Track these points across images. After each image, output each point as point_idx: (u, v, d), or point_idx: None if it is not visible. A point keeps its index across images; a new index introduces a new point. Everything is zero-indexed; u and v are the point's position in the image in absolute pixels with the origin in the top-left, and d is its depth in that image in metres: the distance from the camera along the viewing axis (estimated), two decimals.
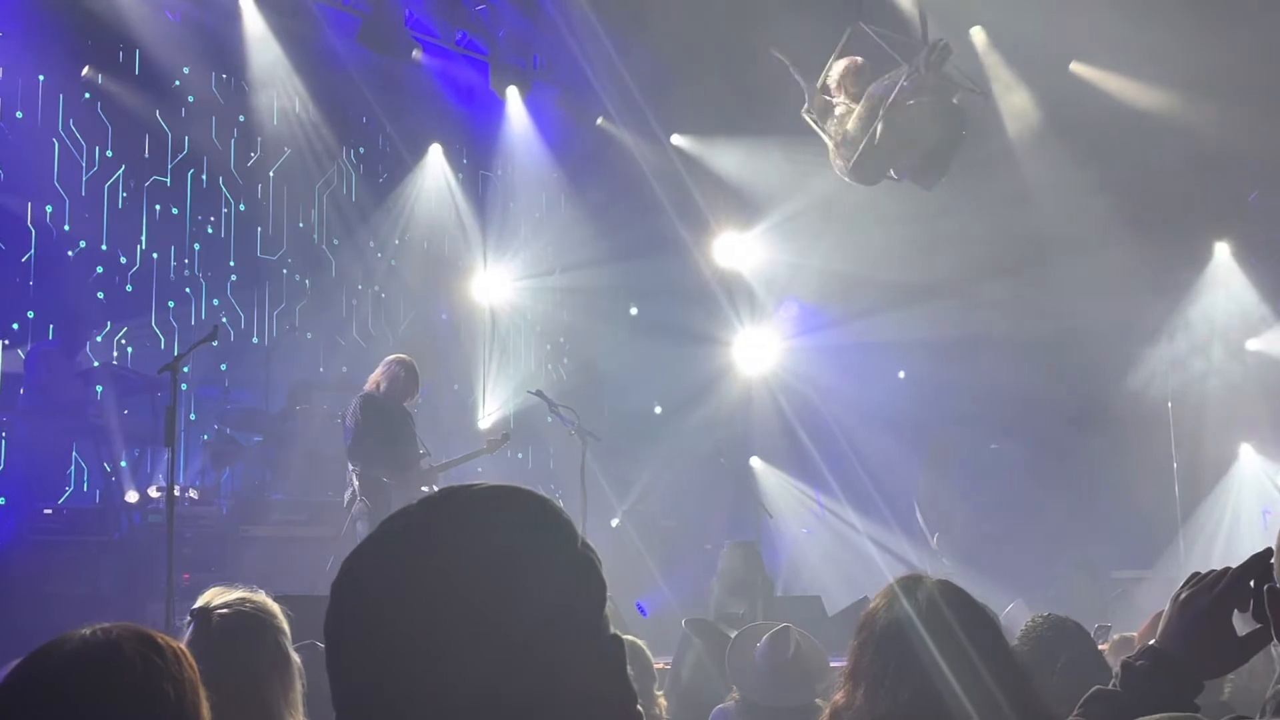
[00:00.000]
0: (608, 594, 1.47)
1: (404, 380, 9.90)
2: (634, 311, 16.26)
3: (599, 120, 15.48)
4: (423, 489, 9.60)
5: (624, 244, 15.17)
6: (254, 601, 3.12)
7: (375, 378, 9.94)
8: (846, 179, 10.28)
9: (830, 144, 10.19)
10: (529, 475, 14.86)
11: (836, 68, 10.11)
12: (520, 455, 15.25)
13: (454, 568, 1.37)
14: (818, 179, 13.15)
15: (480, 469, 10.90)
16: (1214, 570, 2.04)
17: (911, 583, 2.88)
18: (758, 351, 16.52)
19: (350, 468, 9.61)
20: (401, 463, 9.68)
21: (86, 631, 2.14)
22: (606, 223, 15.34)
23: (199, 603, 3.10)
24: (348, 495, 9.59)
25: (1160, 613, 2.18)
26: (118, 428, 10.65)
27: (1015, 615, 10.19)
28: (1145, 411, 15.21)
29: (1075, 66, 14.19)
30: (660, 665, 6.88)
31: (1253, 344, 15.57)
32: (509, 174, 15.64)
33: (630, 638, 5.90)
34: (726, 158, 15.47)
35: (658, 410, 15.41)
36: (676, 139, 15.75)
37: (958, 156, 10.18)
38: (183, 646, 2.25)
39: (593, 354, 15.72)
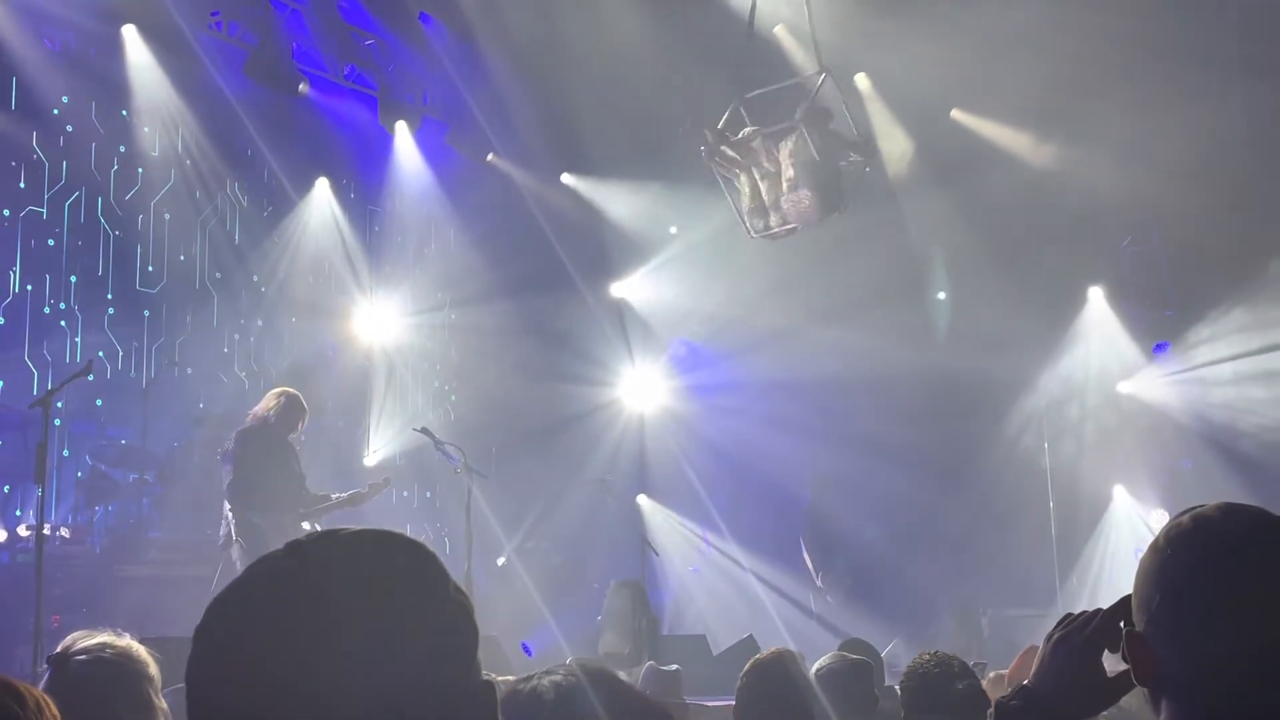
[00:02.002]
0: (480, 636, 1.44)
1: (288, 413, 9.58)
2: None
3: (489, 157, 15.45)
4: (304, 526, 9.41)
5: (513, 281, 15.13)
6: (116, 647, 3.01)
7: (257, 411, 9.66)
8: (755, 236, 10.52)
9: (739, 212, 10.42)
10: (415, 513, 14.66)
11: (726, 145, 10.29)
12: (406, 493, 15.06)
13: (319, 616, 1.33)
14: (704, 219, 13.29)
15: (365, 507, 10.70)
16: (1085, 611, 2.07)
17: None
18: (646, 389, 16.58)
19: (226, 505, 9.33)
20: (282, 501, 9.40)
21: None
22: (496, 259, 15.29)
23: (58, 648, 3.00)
24: (223, 533, 9.29)
25: (1030, 648, 2.22)
26: None
27: (895, 654, 10.32)
28: (1023, 453, 15.56)
29: (956, 113, 14.54)
30: None
31: (1124, 386, 15.99)
32: (397, 209, 15.50)
33: (511, 678, 5.84)
34: (616, 197, 15.55)
35: (545, 448, 15.35)
36: (566, 178, 15.79)
37: (848, 189, 10.39)
38: (46, 696, 2.18)
39: (480, 391, 15.61)
